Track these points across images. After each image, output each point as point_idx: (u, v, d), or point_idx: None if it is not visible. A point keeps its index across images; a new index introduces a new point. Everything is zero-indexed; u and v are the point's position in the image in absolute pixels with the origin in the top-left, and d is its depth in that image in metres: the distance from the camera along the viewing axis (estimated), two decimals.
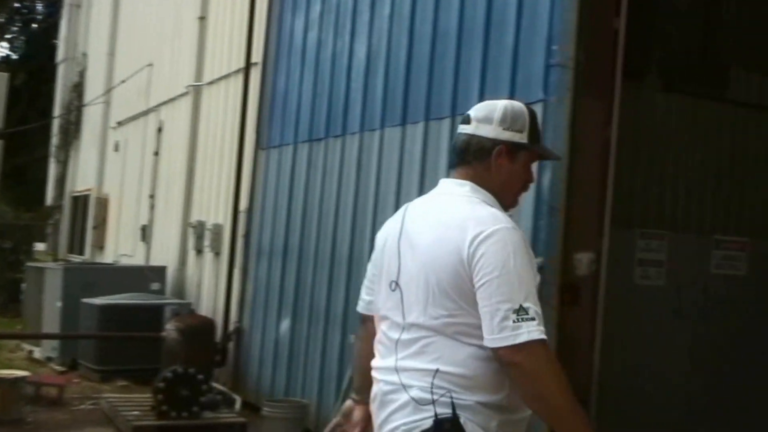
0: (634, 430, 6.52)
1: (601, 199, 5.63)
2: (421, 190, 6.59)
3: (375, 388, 2.88)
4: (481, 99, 5.97)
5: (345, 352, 7.37)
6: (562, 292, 5.43)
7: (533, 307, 2.56)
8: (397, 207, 6.83)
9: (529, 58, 5.68)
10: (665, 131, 7.75)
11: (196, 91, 12.19)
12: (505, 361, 2.56)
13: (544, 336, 2.54)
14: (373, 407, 2.88)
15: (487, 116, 2.84)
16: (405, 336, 2.76)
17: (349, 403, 3.21)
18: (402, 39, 7.09)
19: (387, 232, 2.97)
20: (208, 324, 9.36)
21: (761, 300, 7.63)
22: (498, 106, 2.87)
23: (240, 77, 10.09)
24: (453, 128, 6.30)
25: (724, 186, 8.09)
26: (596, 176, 5.61)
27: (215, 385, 8.76)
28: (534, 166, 2.98)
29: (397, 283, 2.82)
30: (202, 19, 12.15)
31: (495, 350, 2.57)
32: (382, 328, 2.90)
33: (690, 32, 8.01)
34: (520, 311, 2.53)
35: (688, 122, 7.89)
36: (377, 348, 2.92)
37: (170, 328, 8.82)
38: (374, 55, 7.49)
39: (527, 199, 5.55)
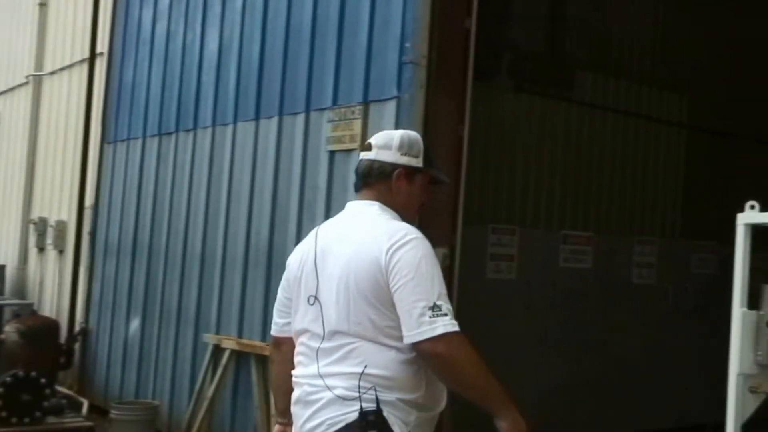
0: (479, 419, 6.66)
1: (454, 195, 5.71)
2: (276, 186, 6.51)
3: (297, 392, 3.04)
4: (336, 95, 6.04)
5: (198, 351, 7.21)
6: None
7: (445, 304, 2.83)
8: (251, 202, 6.80)
9: (383, 56, 5.69)
10: (515, 130, 7.97)
11: (36, 81, 11.65)
12: (427, 354, 2.80)
13: (458, 328, 2.81)
14: (296, 409, 3.04)
15: (387, 143, 3.12)
16: (326, 344, 2.96)
17: (277, 428, 3.36)
18: (255, 33, 6.98)
19: (301, 255, 3.17)
20: (51, 325, 8.92)
21: (605, 291, 7.97)
22: (396, 135, 3.16)
23: (84, 67, 9.68)
24: (307, 123, 6.26)
25: (571, 183, 8.40)
26: (449, 173, 5.66)
27: (60, 388, 8.38)
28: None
29: (316, 297, 3.03)
30: (43, 5, 11.62)
31: (416, 344, 2.80)
32: (302, 340, 3.07)
33: (538, 35, 8.27)
34: (435, 308, 2.80)
35: (537, 122, 8.14)
36: (298, 359, 3.08)
37: (10, 330, 8.35)
38: (226, 48, 7.34)
39: None
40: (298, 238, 6.21)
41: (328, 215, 5.99)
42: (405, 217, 3.09)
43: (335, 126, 5.95)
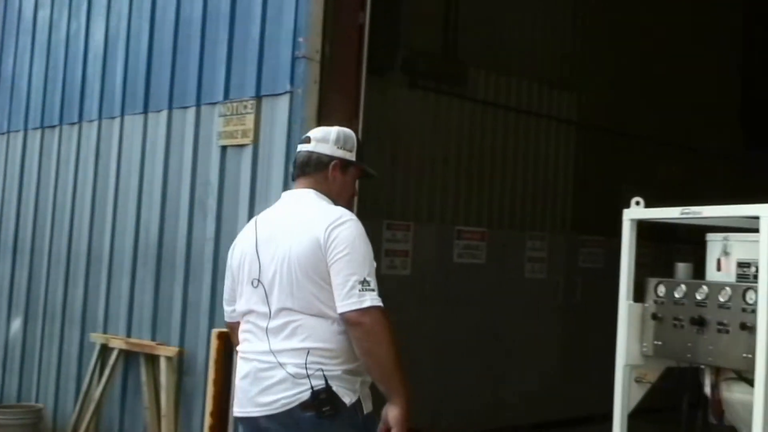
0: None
1: None
2: (165, 181, 6.34)
3: (247, 367, 3.29)
4: (228, 89, 5.91)
5: (84, 352, 6.96)
6: None
7: (373, 281, 3.17)
8: (140, 198, 6.59)
9: (276, 50, 5.61)
10: (409, 126, 8.00)
11: None
12: (352, 322, 3.11)
13: (381, 304, 3.14)
14: (243, 383, 3.29)
15: (325, 137, 3.43)
16: (273, 323, 3.23)
17: None
18: (143, 23, 6.77)
19: (242, 245, 3.45)
20: None
21: (498, 285, 8.08)
22: (333, 130, 3.47)
23: None
24: (198, 117, 6.11)
25: (464, 179, 8.48)
26: None
27: None
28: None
29: (259, 280, 3.29)
30: None
31: (344, 314, 3.12)
32: (248, 319, 3.35)
33: (432, 32, 8.31)
34: (365, 283, 3.14)
35: (431, 118, 8.19)
36: (245, 337, 3.35)
37: None
38: (113, 38, 7.10)
39: (275, 190, 5.45)
40: (190, 235, 6.09)
41: (220, 211, 5.88)
42: (338, 205, 3.35)
43: (227, 120, 5.83)
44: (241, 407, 3.31)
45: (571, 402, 8.05)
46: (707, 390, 4.68)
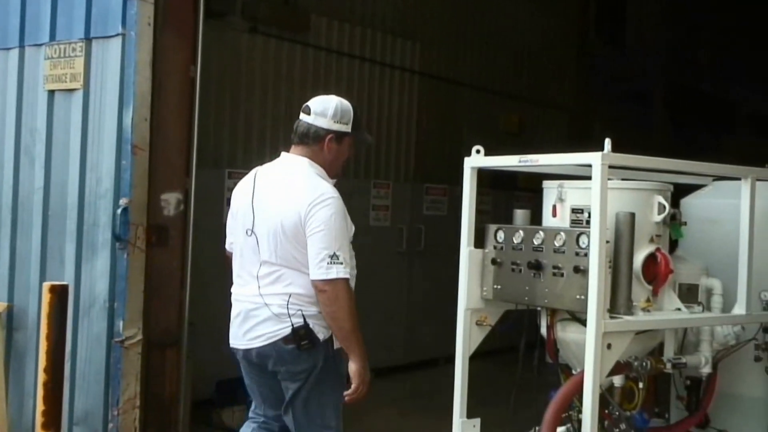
0: (227, 362, 6.53)
1: (186, 138, 5.49)
2: None
3: (239, 307, 4.01)
4: (54, 30, 5.53)
5: None
6: (149, 233, 5.25)
7: (343, 255, 3.73)
8: None
9: None
10: (251, 72, 7.80)
11: None
12: (318, 289, 3.75)
13: (347, 276, 3.73)
14: (236, 321, 4.01)
15: (323, 112, 3.97)
16: (262, 271, 3.89)
17: None
18: None
19: (241, 193, 4.08)
20: None
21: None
22: (331, 104, 3.99)
23: None
24: (22, 59, 5.73)
25: None
26: (180, 116, 5.44)
27: None
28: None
29: (252, 231, 3.93)
30: None
31: (313, 281, 3.75)
32: (240, 263, 4.02)
33: None
34: (334, 257, 3.71)
35: (273, 64, 8.02)
36: (238, 280, 4.05)
37: None
38: None
39: (108, 138, 5.26)
40: (16, 185, 5.73)
41: (49, 159, 5.55)
42: (330, 171, 3.95)
43: (54, 63, 5.48)
44: (234, 340, 4.05)
45: (415, 346, 8.21)
46: (543, 331, 4.86)
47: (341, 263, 3.71)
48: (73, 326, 5.32)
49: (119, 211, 5.15)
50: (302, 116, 4.03)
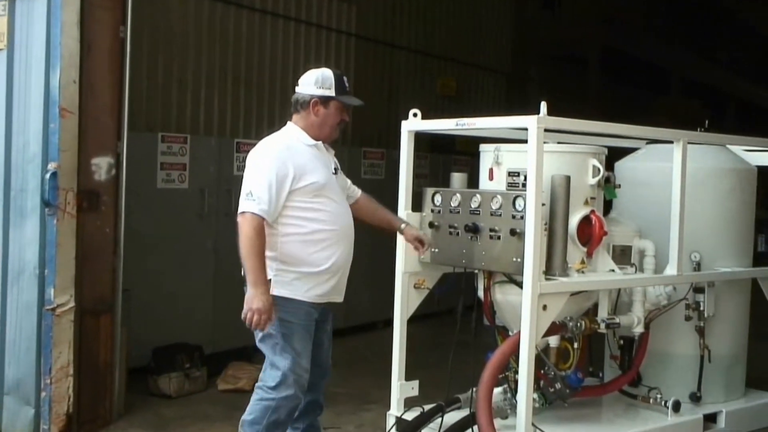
0: (164, 329, 6.51)
1: (117, 101, 5.37)
2: None
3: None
4: None
5: None
6: (80, 198, 5.13)
7: (258, 192, 4.03)
8: None
9: None
10: (184, 34, 7.63)
11: None
12: (237, 222, 4.05)
13: (255, 211, 4.00)
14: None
15: (306, 81, 4.32)
16: None
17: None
18: None
19: None
20: None
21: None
22: (314, 73, 4.33)
23: None
24: None
25: (243, 90, 8.26)
26: (111, 78, 5.31)
27: None
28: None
29: None
30: None
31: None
32: None
33: None
34: (249, 194, 4.05)
35: (206, 27, 7.85)
36: None
37: None
38: None
39: (35, 101, 5.10)
40: None
41: None
42: (320, 133, 4.27)
43: None
44: None
45: (354, 311, 8.20)
46: (480, 293, 4.90)
47: (254, 200, 4.01)
48: (2, 294, 5.22)
49: (48, 175, 5.02)
50: (296, 89, 4.39)
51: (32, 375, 5.14)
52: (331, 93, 4.27)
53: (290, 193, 4.09)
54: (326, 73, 4.31)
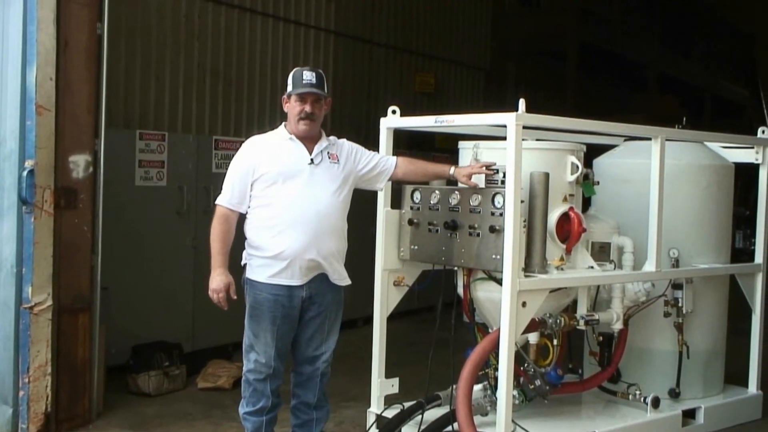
0: (143, 327, 6.48)
1: (94, 98, 5.32)
2: None
3: None
4: None
5: None
6: (57, 196, 5.08)
7: (224, 185, 4.41)
8: None
9: None
10: (162, 31, 7.58)
11: None
12: None
13: (222, 203, 4.38)
14: None
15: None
16: None
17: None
18: None
19: None
20: None
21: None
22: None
23: None
24: None
25: (221, 86, 8.22)
26: (88, 75, 5.26)
27: None
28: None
29: None
30: None
31: None
32: None
33: None
34: (222, 188, 4.40)
35: (185, 23, 7.81)
36: None
37: None
38: None
39: (12, 98, 5.05)
40: None
41: None
42: (293, 126, 4.45)
43: None
44: None
45: None
46: (460, 290, 4.90)
47: (222, 193, 4.39)
48: None
49: (25, 173, 4.97)
50: None
51: (10, 374, 5.09)
52: (290, 88, 4.47)
53: (252, 184, 4.36)
54: (296, 71, 4.51)
